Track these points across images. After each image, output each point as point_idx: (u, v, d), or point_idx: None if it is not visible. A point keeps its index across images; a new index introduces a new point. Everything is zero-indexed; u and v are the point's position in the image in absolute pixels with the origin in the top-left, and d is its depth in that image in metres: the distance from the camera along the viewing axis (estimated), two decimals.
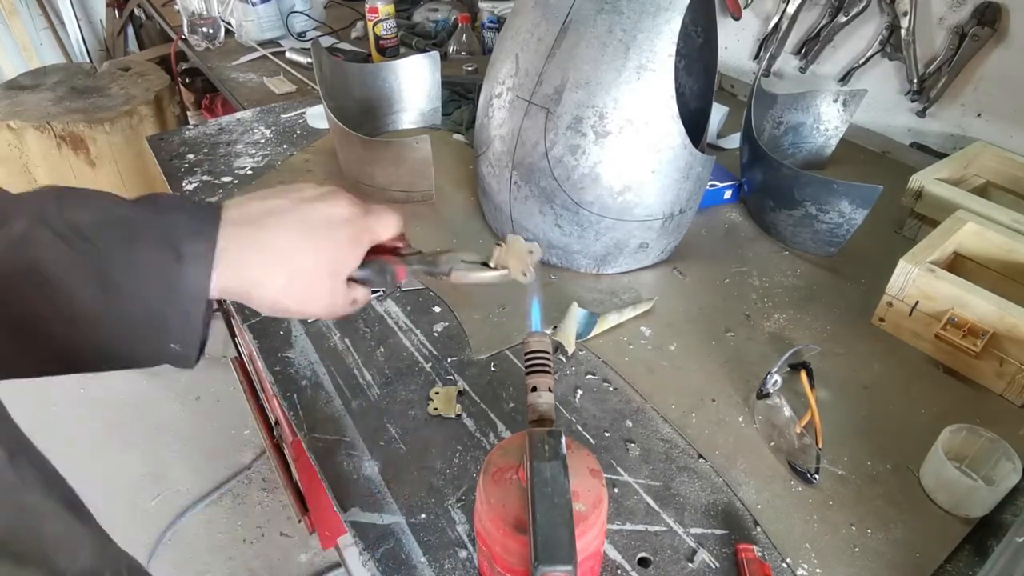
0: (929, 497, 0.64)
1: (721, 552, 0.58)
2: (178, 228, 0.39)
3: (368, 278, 0.48)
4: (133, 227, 0.38)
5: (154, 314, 0.38)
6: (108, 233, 0.37)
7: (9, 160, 2.04)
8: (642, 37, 0.75)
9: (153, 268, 0.37)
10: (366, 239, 0.47)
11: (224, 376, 2.03)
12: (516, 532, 0.44)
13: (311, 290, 0.44)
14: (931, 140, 1.18)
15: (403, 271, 0.50)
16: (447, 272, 0.51)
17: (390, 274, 0.49)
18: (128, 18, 2.80)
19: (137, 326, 0.38)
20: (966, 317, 0.73)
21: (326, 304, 0.46)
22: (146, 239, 0.38)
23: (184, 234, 0.39)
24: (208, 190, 1.06)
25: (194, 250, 0.39)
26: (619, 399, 0.73)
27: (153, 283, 0.38)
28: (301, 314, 0.46)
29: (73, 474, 0.36)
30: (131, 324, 0.38)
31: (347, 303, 0.48)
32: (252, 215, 0.42)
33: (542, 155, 0.82)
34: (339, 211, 0.46)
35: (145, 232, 0.38)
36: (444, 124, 1.29)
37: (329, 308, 0.46)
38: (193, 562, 1.67)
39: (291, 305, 0.44)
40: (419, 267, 0.51)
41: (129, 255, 0.37)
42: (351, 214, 0.46)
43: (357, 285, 0.48)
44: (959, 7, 1.05)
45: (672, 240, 0.92)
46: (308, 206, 0.45)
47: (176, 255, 0.38)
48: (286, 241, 0.43)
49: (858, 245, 0.91)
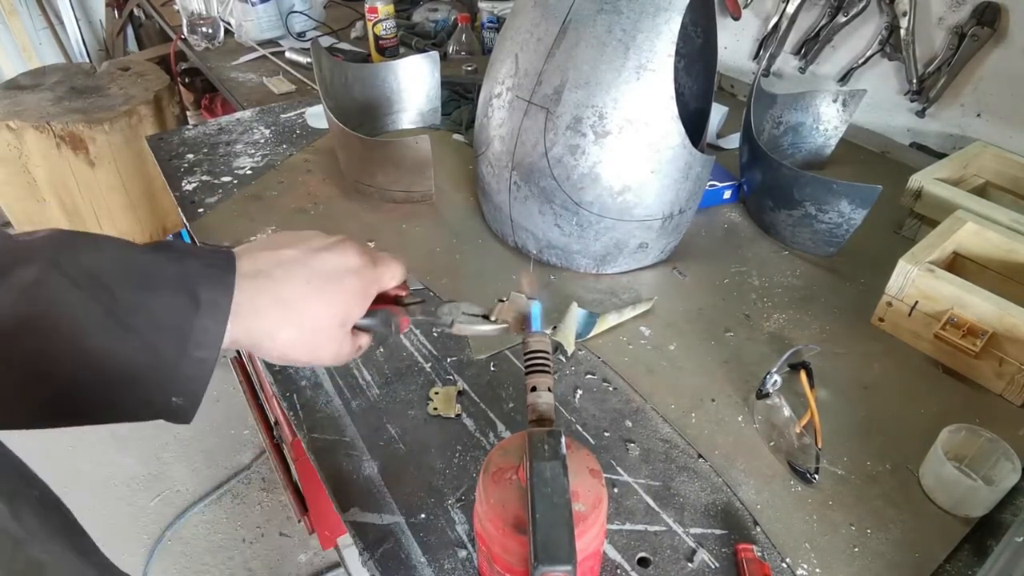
0: (929, 497, 0.64)
1: (721, 552, 0.59)
2: (194, 275, 0.38)
3: (373, 327, 0.50)
4: (149, 273, 0.37)
5: (166, 362, 0.37)
6: (124, 279, 0.36)
7: (9, 160, 2.04)
8: (642, 37, 0.75)
9: (170, 315, 0.37)
10: (373, 289, 0.48)
11: (224, 376, 2.02)
12: (516, 532, 0.44)
13: (321, 340, 0.45)
14: (930, 140, 1.18)
15: (407, 321, 0.52)
16: (449, 324, 0.53)
17: (395, 324, 0.50)
18: (128, 18, 2.80)
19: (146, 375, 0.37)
20: (965, 317, 0.74)
21: (334, 353, 0.46)
22: (163, 286, 0.37)
23: (201, 281, 0.38)
24: (208, 190, 1.06)
25: (211, 298, 0.38)
26: (619, 399, 0.73)
27: (168, 330, 0.37)
28: (309, 363, 0.46)
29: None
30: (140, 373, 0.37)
31: (353, 351, 0.49)
32: (262, 266, 0.42)
33: (542, 155, 0.82)
34: (348, 261, 0.46)
35: (162, 279, 0.37)
36: (444, 124, 1.29)
37: (336, 357, 0.47)
38: (193, 562, 1.67)
39: (301, 355, 0.44)
40: (422, 318, 0.53)
41: (146, 301, 0.36)
42: (359, 264, 0.47)
43: (361, 332, 0.50)
44: (958, 7, 1.06)
45: (672, 240, 0.92)
46: (318, 257, 0.45)
47: (194, 303, 0.37)
48: (297, 293, 0.43)
49: (857, 245, 0.91)
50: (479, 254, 0.94)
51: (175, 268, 0.38)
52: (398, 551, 0.58)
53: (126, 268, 0.37)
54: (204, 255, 0.40)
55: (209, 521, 1.76)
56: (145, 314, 0.36)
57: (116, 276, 0.36)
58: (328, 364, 0.48)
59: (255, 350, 0.43)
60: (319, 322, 0.44)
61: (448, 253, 0.94)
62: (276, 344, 0.43)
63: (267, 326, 0.42)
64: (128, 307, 0.36)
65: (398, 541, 0.59)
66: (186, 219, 1.00)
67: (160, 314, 0.37)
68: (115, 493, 1.81)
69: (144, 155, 2.07)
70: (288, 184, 1.08)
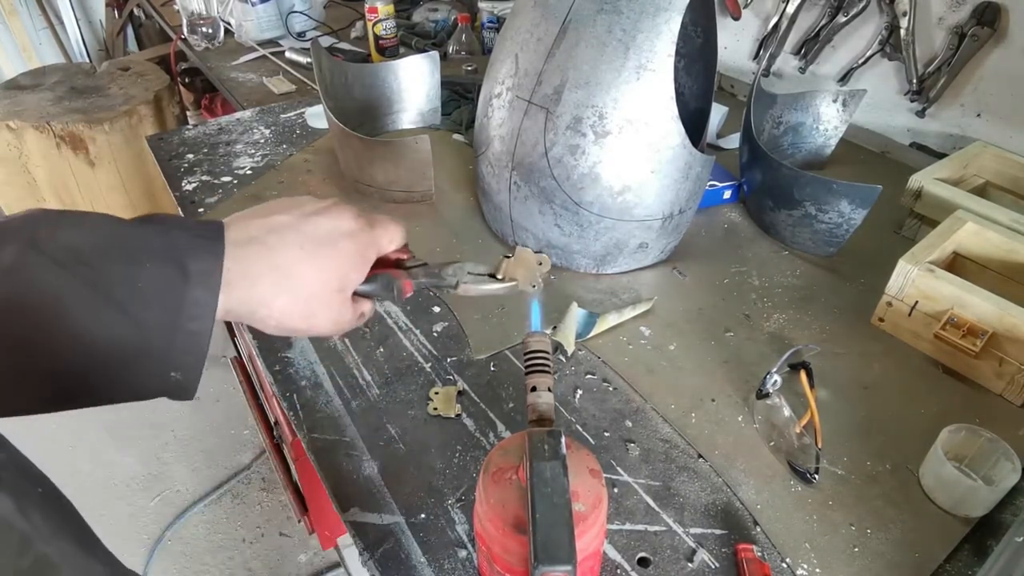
0: (928, 497, 0.64)
1: (721, 552, 0.59)
2: (182, 246, 0.37)
3: (374, 292, 0.48)
4: (134, 246, 0.36)
5: (159, 337, 0.36)
6: (108, 254, 0.35)
7: (8, 160, 2.04)
8: (642, 37, 0.75)
9: (159, 288, 0.35)
10: (372, 253, 0.46)
11: (223, 376, 2.02)
12: (516, 532, 0.44)
13: (318, 307, 0.43)
14: (930, 140, 1.18)
15: (409, 285, 0.49)
16: (454, 285, 0.51)
17: (396, 288, 0.48)
18: (128, 18, 2.80)
19: (140, 353, 0.36)
20: (965, 317, 0.74)
21: (333, 320, 0.45)
22: (150, 258, 0.36)
23: (189, 252, 0.37)
24: (208, 190, 1.06)
25: (200, 268, 0.37)
26: (619, 399, 0.73)
27: (159, 304, 0.36)
28: (308, 332, 0.45)
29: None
30: (133, 351, 0.36)
31: (354, 318, 0.47)
32: (254, 233, 0.41)
33: (541, 155, 0.82)
34: (343, 225, 0.45)
35: (148, 251, 0.36)
36: (444, 124, 1.29)
37: (336, 324, 0.45)
38: (193, 562, 1.67)
39: (298, 324, 0.43)
40: (425, 280, 0.50)
41: (132, 275, 0.35)
42: (355, 227, 0.45)
43: (363, 299, 0.48)
44: (958, 7, 1.06)
45: (672, 240, 0.92)
46: (311, 221, 0.43)
47: (183, 273, 0.36)
48: (290, 258, 0.41)
49: (857, 245, 0.91)
50: (479, 254, 0.94)
51: (161, 240, 0.37)
52: (398, 551, 0.58)
53: (109, 243, 0.35)
54: (192, 226, 0.39)
55: (209, 521, 1.76)
56: (133, 289, 0.35)
57: (99, 252, 0.35)
58: (328, 333, 0.46)
59: (251, 320, 0.41)
60: (314, 288, 0.42)
61: (448, 253, 0.94)
62: (272, 312, 0.41)
63: (261, 294, 0.40)
64: (114, 282, 0.35)
65: (398, 541, 0.59)
66: None
67: (148, 288, 0.35)
68: (115, 493, 1.81)
69: (144, 155, 2.07)
70: (288, 184, 1.08)
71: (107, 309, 0.34)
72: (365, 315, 0.48)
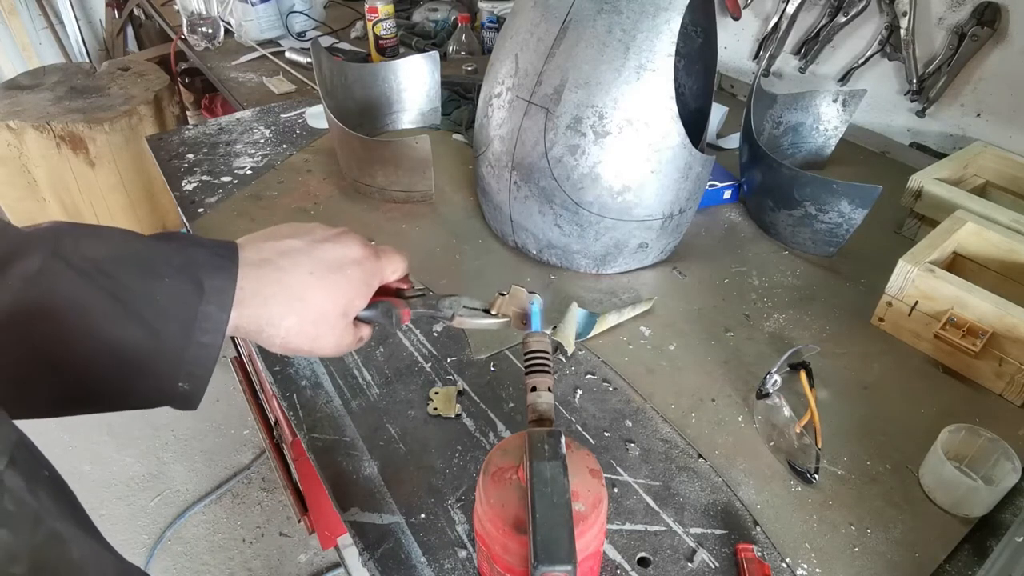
0: (928, 497, 0.64)
1: (721, 552, 0.59)
2: (199, 263, 0.39)
3: (375, 318, 0.50)
4: (154, 261, 0.38)
5: (172, 348, 0.38)
6: (127, 267, 0.37)
7: (8, 160, 2.04)
8: (642, 37, 0.75)
9: (176, 301, 0.37)
10: (375, 281, 0.49)
11: (223, 376, 2.02)
12: (516, 532, 0.44)
13: (322, 329, 0.45)
14: (930, 140, 1.18)
15: (408, 314, 0.52)
16: (450, 317, 0.54)
17: (395, 316, 0.51)
18: (127, 18, 2.80)
19: (153, 362, 0.38)
20: (965, 317, 0.74)
21: (335, 343, 0.47)
22: (169, 273, 0.38)
23: (205, 269, 0.39)
24: (208, 190, 1.06)
25: (216, 285, 0.39)
26: (619, 399, 0.73)
27: (173, 316, 0.37)
28: (311, 353, 0.46)
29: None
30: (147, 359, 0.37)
31: (354, 341, 0.49)
32: (267, 255, 0.43)
33: (541, 155, 0.82)
34: (351, 253, 0.47)
35: (167, 266, 0.38)
36: (444, 124, 1.29)
37: (337, 347, 0.47)
38: (193, 562, 1.67)
39: (302, 344, 0.45)
40: (423, 310, 0.53)
41: (152, 288, 0.37)
42: (361, 256, 0.47)
43: (362, 324, 0.50)
44: (958, 7, 1.06)
45: (672, 240, 0.92)
46: (321, 247, 0.46)
47: (199, 289, 0.38)
48: (301, 282, 0.43)
49: (857, 245, 0.91)
50: (479, 254, 0.94)
51: (179, 257, 0.39)
52: (398, 551, 0.58)
53: (130, 257, 0.37)
54: (208, 244, 0.41)
55: (209, 521, 1.76)
56: (150, 301, 0.37)
57: (120, 264, 0.37)
58: (329, 355, 0.48)
59: (257, 338, 0.43)
60: (321, 311, 0.45)
61: (448, 253, 0.94)
62: (279, 331, 0.43)
63: (270, 314, 0.42)
64: (133, 294, 0.36)
65: (398, 541, 0.59)
66: (186, 219, 1.00)
67: (165, 301, 0.37)
68: (115, 493, 1.81)
69: (144, 155, 2.07)
70: (288, 184, 1.08)
71: (126, 318, 0.36)
72: (364, 339, 0.51)
